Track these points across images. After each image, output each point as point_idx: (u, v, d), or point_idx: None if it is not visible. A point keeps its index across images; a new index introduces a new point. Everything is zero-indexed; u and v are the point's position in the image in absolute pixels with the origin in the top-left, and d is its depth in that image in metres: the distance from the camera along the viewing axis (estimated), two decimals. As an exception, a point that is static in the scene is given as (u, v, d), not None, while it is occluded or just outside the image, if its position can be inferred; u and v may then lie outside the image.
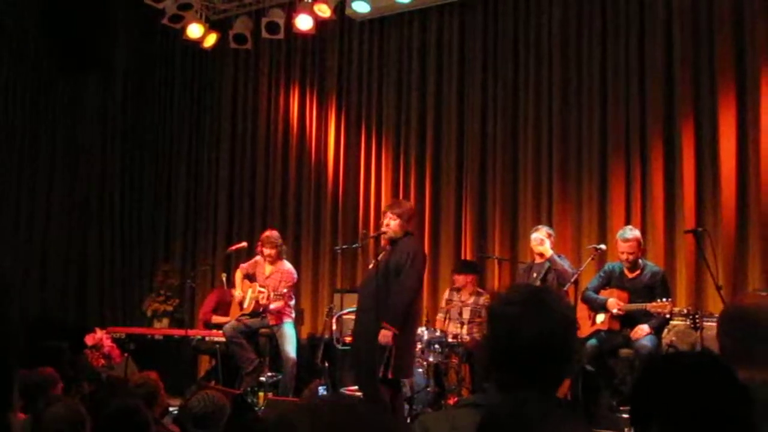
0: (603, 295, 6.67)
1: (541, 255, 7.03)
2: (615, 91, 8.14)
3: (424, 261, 6.20)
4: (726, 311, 2.55)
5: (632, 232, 6.64)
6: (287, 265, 8.00)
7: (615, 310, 6.46)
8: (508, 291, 2.04)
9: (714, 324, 6.00)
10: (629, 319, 6.53)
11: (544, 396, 1.84)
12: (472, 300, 7.89)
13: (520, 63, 8.76)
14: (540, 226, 7.26)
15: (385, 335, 5.71)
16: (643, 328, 6.38)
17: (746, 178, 7.39)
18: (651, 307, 6.30)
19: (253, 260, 8.11)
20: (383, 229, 6.08)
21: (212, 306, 8.90)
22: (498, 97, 8.88)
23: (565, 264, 6.94)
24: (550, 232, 7.15)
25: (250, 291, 7.90)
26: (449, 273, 8.63)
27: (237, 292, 8.06)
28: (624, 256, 6.59)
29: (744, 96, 7.46)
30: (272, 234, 8.00)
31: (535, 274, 7.02)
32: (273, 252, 7.84)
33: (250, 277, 8.06)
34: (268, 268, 7.90)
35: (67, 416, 3.44)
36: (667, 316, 6.30)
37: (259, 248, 7.96)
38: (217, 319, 8.70)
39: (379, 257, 6.06)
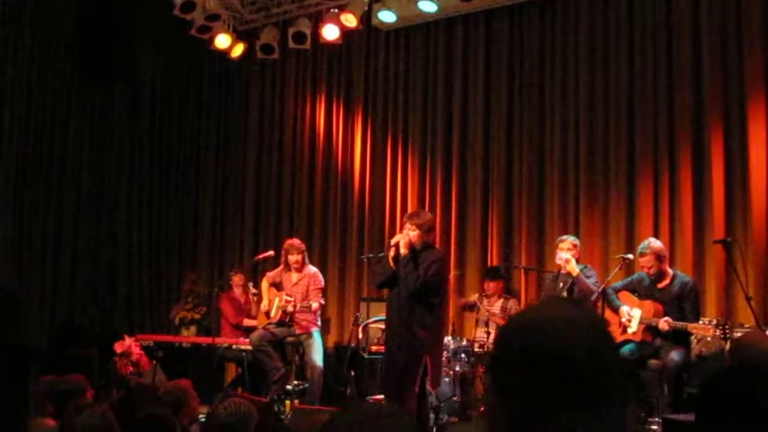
0: (637, 306, 6.60)
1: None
2: (642, 99, 8.07)
3: (446, 271, 6.18)
4: (734, 345, 2.54)
5: (648, 247, 6.53)
6: (313, 269, 8.03)
7: (664, 326, 6.31)
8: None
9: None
10: (659, 332, 6.45)
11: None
12: (500, 304, 7.93)
13: (546, 72, 8.72)
14: (564, 237, 7.14)
15: None
16: (672, 356, 6.28)
17: (776, 187, 7.29)
18: (692, 328, 6.20)
19: (278, 269, 8.14)
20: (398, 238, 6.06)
21: (233, 310, 8.97)
22: (524, 105, 8.85)
23: (590, 280, 6.83)
24: (575, 242, 7.05)
25: (276, 300, 7.94)
26: (475, 281, 8.62)
27: (264, 302, 8.10)
28: (644, 270, 6.56)
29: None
30: (294, 241, 8.06)
31: (561, 284, 6.97)
32: (299, 258, 7.87)
33: (277, 286, 8.10)
34: (294, 276, 7.94)
35: (96, 424, 3.48)
36: (709, 338, 6.19)
37: (283, 258, 7.99)
38: (248, 322, 8.76)
39: (402, 270, 5.98)
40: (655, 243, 6.64)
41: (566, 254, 6.88)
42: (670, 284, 6.53)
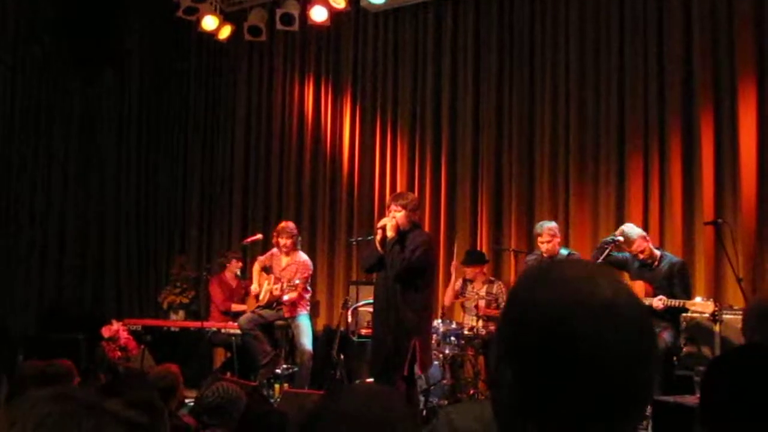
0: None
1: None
2: (633, 82, 8.04)
3: (433, 253, 6.17)
4: (753, 307, 2.44)
5: (629, 234, 6.58)
6: (303, 256, 8.00)
7: (658, 305, 6.29)
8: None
9: (733, 317, 5.94)
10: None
11: None
12: (485, 289, 7.91)
13: (536, 53, 8.68)
14: (543, 229, 7.19)
15: None
16: (663, 337, 6.28)
17: (766, 169, 7.28)
18: (690, 305, 6.19)
19: (269, 253, 8.12)
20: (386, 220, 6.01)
21: (222, 295, 8.92)
22: (514, 87, 8.80)
23: None
24: (552, 230, 7.15)
25: (266, 283, 7.92)
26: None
27: (254, 285, 8.08)
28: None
29: (764, 86, 7.33)
30: (288, 225, 8.01)
31: None
32: (288, 242, 7.84)
33: (267, 270, 8.07)
34: (284, 260, 7.91)
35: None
36: (706, 315, 6.17)
37: (275, 239, 7.97)
38: (237, 307, 8.73)
39: (389, 253, 5.94)
40: (633, 229, 6.66)
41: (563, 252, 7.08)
42: (659, 265, 6.55)
